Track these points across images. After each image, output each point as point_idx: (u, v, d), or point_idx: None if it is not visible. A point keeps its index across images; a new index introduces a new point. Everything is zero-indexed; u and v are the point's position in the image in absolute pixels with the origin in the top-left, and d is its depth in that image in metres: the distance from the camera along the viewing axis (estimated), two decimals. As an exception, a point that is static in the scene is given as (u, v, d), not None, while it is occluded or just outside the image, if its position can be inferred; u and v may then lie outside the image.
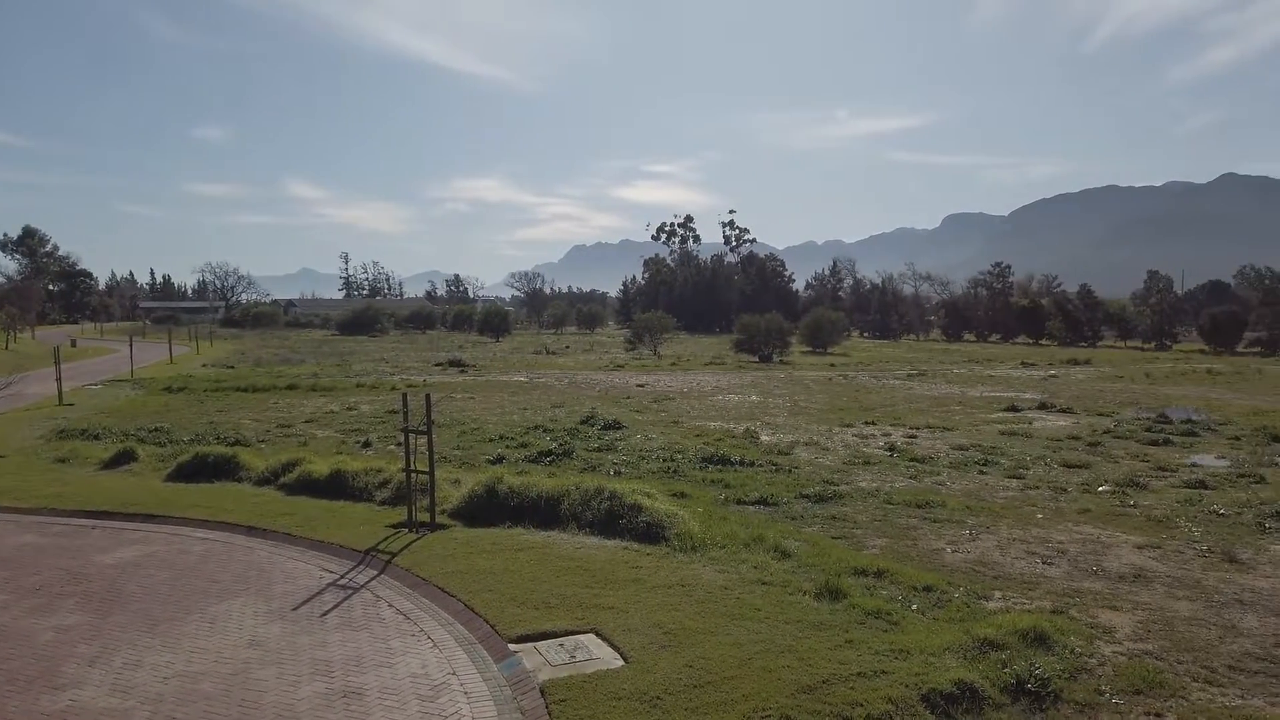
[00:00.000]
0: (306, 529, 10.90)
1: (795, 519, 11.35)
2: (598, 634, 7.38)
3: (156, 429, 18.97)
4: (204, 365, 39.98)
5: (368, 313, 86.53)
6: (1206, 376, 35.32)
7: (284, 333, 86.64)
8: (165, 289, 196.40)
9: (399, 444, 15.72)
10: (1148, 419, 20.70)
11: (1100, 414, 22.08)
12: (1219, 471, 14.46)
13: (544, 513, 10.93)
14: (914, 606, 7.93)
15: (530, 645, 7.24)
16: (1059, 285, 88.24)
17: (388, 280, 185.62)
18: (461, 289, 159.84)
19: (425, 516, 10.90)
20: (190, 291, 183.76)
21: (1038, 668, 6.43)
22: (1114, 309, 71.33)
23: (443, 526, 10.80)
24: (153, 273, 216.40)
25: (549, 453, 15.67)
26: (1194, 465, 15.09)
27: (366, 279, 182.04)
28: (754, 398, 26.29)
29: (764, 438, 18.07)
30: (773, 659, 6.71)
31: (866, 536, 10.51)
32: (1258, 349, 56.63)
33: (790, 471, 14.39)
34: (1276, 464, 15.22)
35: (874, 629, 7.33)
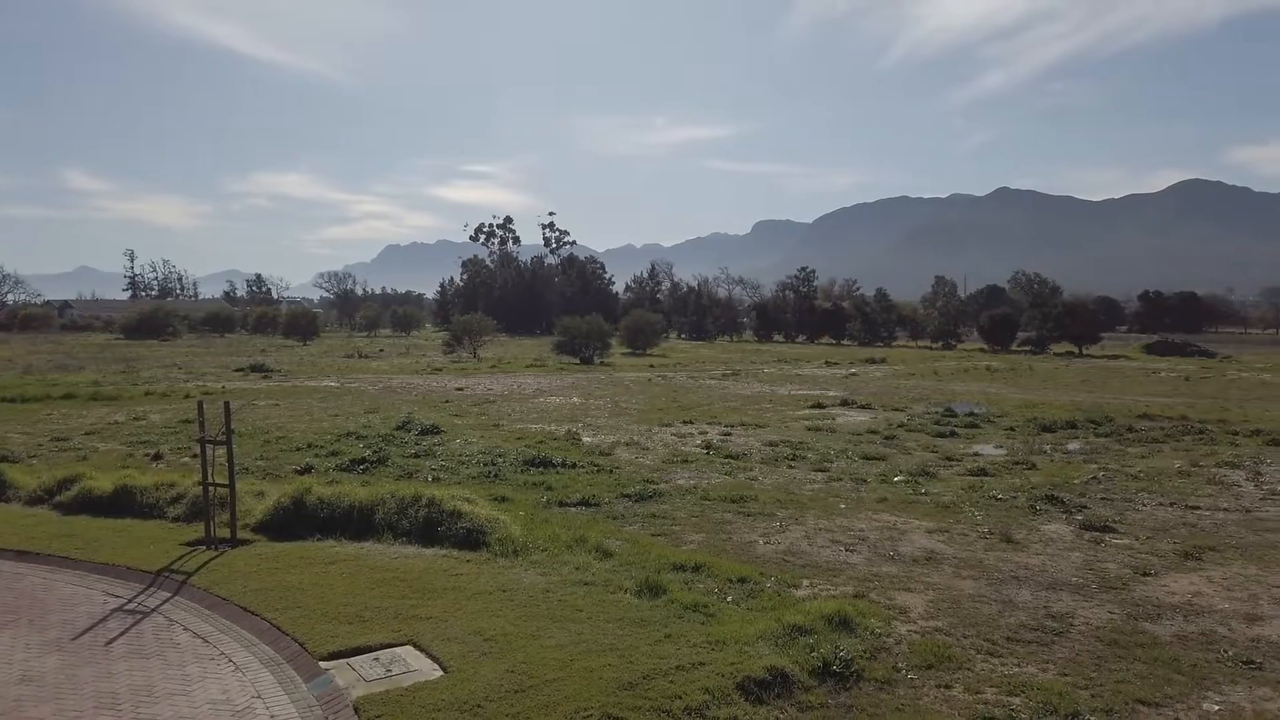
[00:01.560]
0: (88, 551, 9.94)
1: (616, 518, 11.48)
2: (415, 645, 7.17)
3: (-98, 446, 16.74)
4: (-38, 373, 35.68)
5: (157, 315, 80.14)
6: (986, 373, 38.75)
7: (59, 336, 78.70)
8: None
9: (195, 455, 14.63)
10: (936, 413, 22.43)
11: (895, 409, 23.72)
12: (997, 460, 15.88)
13: (357, 523, 10.49)
14: (729, 598, 8.20)
15: (343, 662, 6.93)
16: (858, 289, 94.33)
17: (180, 280, 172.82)
18: (265, 290, 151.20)
19: (225, 532, 10.21)
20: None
21: (842, 650, 6.80)
22: (906, 311, 77.18)
23: (245, 542, 10.15)
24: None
25: (362, 460, 15.08)
26: (976, 455, 16.49)
27: (155, 278, 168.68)
28: (575, 399, 26.40)
29: (586, 439, 18.18)
30: (594, 658, 6.75)
31: (685, 532, 10.78)
32: (1028, 347, 62.74)
33: (611, 472, 14.55)
34: (1045, 452, 16.88)
35: (692, 622, 7.52)
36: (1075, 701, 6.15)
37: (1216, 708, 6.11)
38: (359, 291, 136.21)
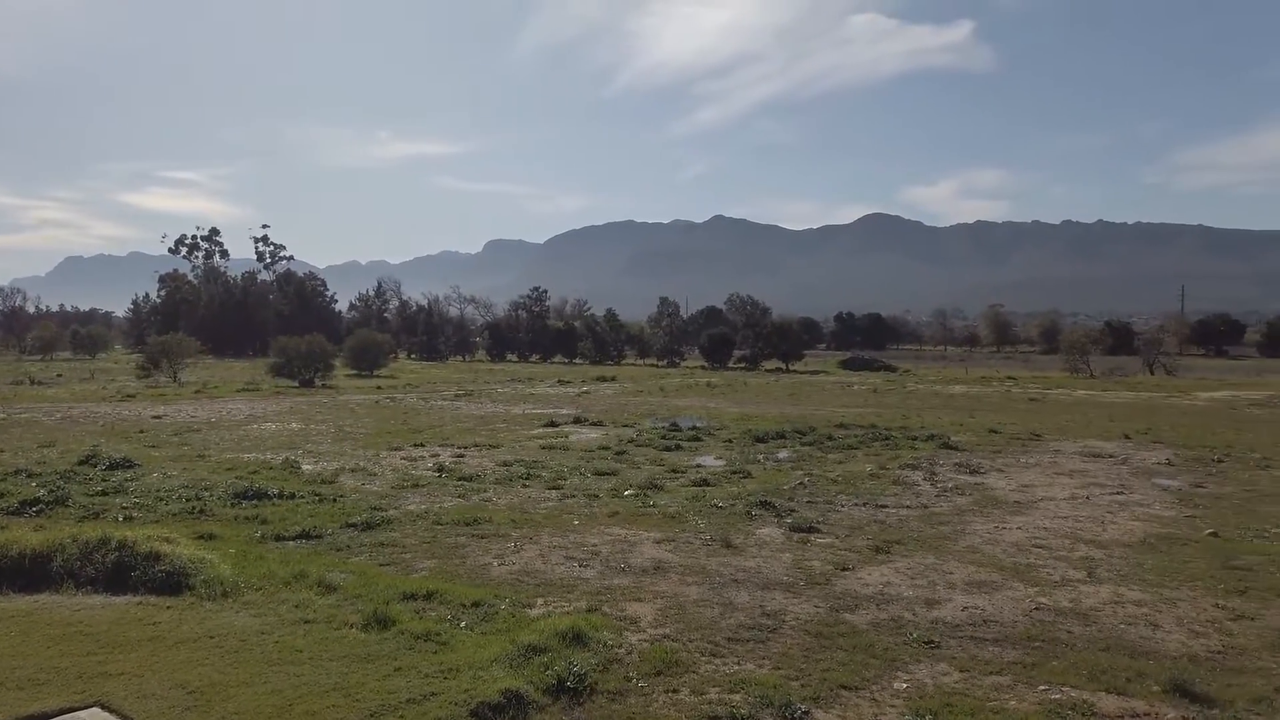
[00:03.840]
0: None
1: (341, 550, 10.87)
2: (104, 707, 6.33)
3: None
4: None
5: None
6: (706, 389, 41.16)
7: None
8: None
9: None
10: (663, 428, 23.45)
11: (625, 425, 24.51)
12: (717, 470, 16.86)
13: (29, 574, 9.12)
14: (463, 624, 8.02)
15: (9, 737, 5.98)
16: (589, 309, 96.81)
17: None
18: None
19: None
20: None
21: (575, 665, 6.86)
22: (634, 331, 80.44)
23: (-123, 606, 8.49)
24: None
25: (35, 501, 13.14)
26: (699, 466, 17.41)
27: None
28: (294, 425, 24.79)
29: (306, 467, 17.09)
30: (316, 701, 6.32)
31: (416, 559, 10.43)
32: (743, 364, 67.49)
33: (335, 501, 13.78)
34: (759, 460, 18.16)
35: (424, 652, 7.27)
36: (788, 692, 6.62)
37: (905, 685, 6.84)
38: (31, 309, 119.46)
